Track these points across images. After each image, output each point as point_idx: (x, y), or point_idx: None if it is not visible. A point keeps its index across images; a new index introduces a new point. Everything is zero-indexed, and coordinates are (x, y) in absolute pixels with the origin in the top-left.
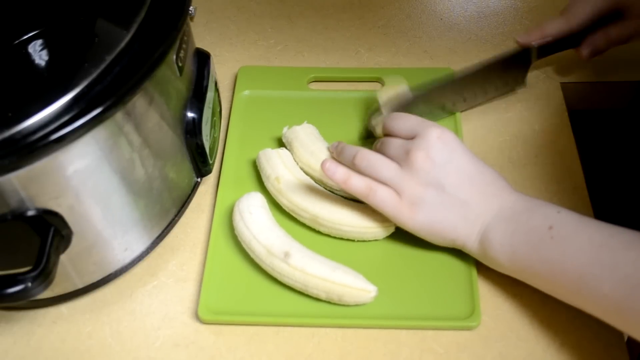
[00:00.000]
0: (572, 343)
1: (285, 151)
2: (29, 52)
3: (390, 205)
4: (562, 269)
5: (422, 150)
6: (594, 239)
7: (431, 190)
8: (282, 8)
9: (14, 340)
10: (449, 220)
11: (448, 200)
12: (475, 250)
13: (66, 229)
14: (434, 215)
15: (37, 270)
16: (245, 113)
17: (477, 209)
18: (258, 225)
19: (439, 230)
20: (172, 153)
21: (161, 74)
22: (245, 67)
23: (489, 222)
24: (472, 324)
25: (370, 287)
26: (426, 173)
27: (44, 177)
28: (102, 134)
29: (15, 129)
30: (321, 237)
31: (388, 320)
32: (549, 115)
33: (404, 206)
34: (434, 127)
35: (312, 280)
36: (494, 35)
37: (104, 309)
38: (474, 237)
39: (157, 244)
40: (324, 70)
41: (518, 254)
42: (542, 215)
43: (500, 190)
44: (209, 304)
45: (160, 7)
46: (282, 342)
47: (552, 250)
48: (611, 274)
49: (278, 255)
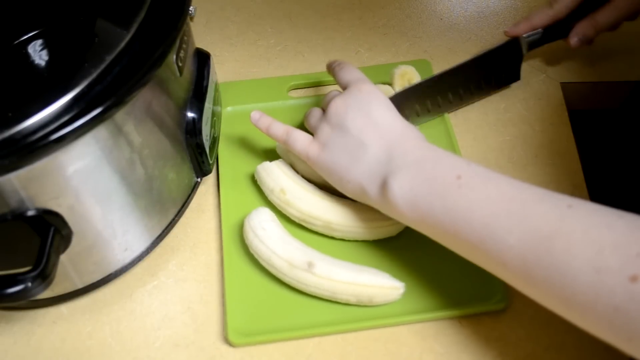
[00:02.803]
0: (572, 343)
1: (283, 162)
2: (29, 52)
3: (301, 145)
4: (467, 218)
5: (341, 98)
6: (505, 191)
7: (337, 131)
8: (282, 8)
9: (14, 340)
10: (347, 161)
11: (350, 142)
12: (375, 198)
13: (66, 229)
14: (334, 155)
15: (37, 270)
16: (232, 129)
17: (378, 153)
18: (274, 239)
19: (337, 170)
20: (172, 153)
21: (161, 74)
22: (224, 83)
23: (390, 169)
24: (500, 305)
25: (398, 283)
26: (336, 116)
27: (44, 177)
28: (102, 134)
29: (15, 129)
30: (336, 242)
31: (417, 314)
32: (549, 115)
33: (314, 146)
34: (362, 82)
35: (340, 287)
36: (494, 35)
37: (104, 309)
38: (374, 184)
39: (157, 244)
40: (302, 77)
41: (420, 201)
42: (450, 165)
43: (409, 139)
44: (237, 326)
45: (160, 7)
46: (282, 342)
47: (457, 199)
48: (519, 224)
49: (301, 267)
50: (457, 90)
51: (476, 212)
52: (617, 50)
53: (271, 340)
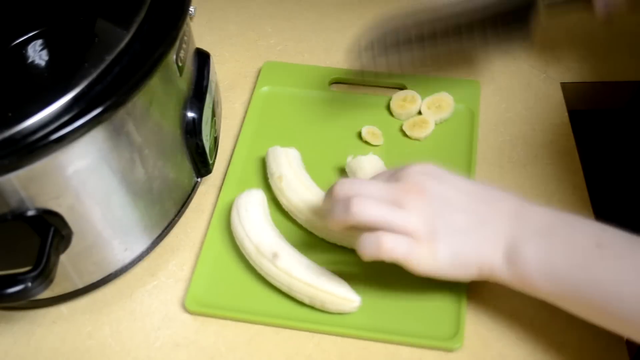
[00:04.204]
0: (572, 343)
1: (294, 151)
2: (29, 52)
3: (401, 249)
4: (618, 292)
5: (411, 184)
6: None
7: (439, 218)
8: (282, 8)
9: (14, 340)
10: (471, 244)
11: (461, 222)
12: (504, 274)
13: (66, 229)
14: (454, 243)
15: (37, 270)
16: (262, 109)
17: (495, 225)
18: (252, 223)
19: (463, 259)
20: (172, 153)
21: (161, 74)
22: (269, 62)
23: (516, 238)
24: (455, 346)
25: (354, 297)
26: (427, 204)
27: (44, 177)
28: (102, 134)
29: (15, 129)
30: (317, 241)
31: (367, 331)
32: (549, 115)
33: (420, 245)
34: (410, 165)
35: (296, 284)
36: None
37: (104, 309)
38: (499, 259)
39: (157, 244)
40: (346, 72)
41: (559, 274)
42: (585, 231)
43: (519, 203)
44: (196, 295)
45: (160, 7)
46: (282, 342)
47: (603, 271)
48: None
49: (266, 255)
50: (460, 34)
51: (627, 286)
52: (617, 50)
53: (221, 316)
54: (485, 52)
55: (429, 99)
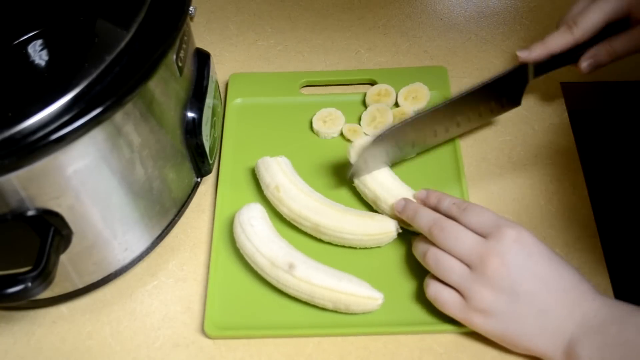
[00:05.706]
0: None
1: (284, 159)
2: (29, 52)
3: (455, 309)
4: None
5: (498, 256)
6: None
7: (503, 298)
8: (282, 8)
9: (14, 340)
10: (524, 332)
11: (522, 310)
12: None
13: (66, 229)
14: (507, 326)
15: (37, 270)
16: (239, 121)
17: (557, 319)
18: (260, 237)
19: (512, 340)
20: (172, 153)
21: (161, 74)
22: (235, 74)
23: (574, 334)
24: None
25: (377, 294)
26: (500, 280)
27: (44, 177)
28: (102, 134)
29: (15, 129)
30: (323, 246)
31: (393, 326)
32: (549, 115)
33: (473, 312)
34: (509, 227)
35: (318, 291)
36: (494, 35)
37: (104, 309)
38: (558, 352)
39: (157, 244)
40: (315, 74)
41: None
42: (636, 327)
43: (582, 295)
44: (214, 319)
45: (160, 7)
46: (282, 342)
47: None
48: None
49: (282, 267)
50: (455, 120)
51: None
52: None
53: (246, 336)
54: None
55: (404, 90)
